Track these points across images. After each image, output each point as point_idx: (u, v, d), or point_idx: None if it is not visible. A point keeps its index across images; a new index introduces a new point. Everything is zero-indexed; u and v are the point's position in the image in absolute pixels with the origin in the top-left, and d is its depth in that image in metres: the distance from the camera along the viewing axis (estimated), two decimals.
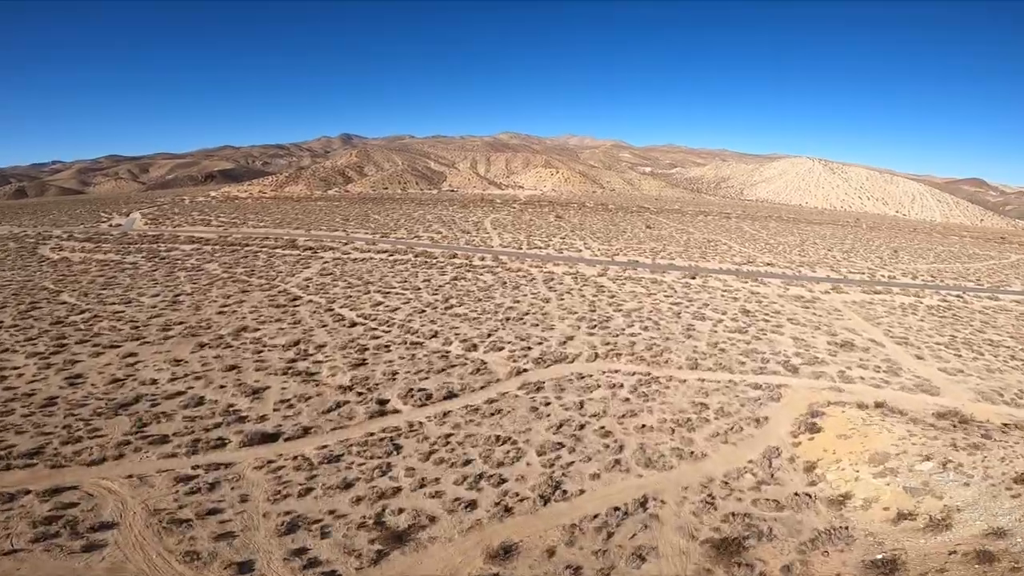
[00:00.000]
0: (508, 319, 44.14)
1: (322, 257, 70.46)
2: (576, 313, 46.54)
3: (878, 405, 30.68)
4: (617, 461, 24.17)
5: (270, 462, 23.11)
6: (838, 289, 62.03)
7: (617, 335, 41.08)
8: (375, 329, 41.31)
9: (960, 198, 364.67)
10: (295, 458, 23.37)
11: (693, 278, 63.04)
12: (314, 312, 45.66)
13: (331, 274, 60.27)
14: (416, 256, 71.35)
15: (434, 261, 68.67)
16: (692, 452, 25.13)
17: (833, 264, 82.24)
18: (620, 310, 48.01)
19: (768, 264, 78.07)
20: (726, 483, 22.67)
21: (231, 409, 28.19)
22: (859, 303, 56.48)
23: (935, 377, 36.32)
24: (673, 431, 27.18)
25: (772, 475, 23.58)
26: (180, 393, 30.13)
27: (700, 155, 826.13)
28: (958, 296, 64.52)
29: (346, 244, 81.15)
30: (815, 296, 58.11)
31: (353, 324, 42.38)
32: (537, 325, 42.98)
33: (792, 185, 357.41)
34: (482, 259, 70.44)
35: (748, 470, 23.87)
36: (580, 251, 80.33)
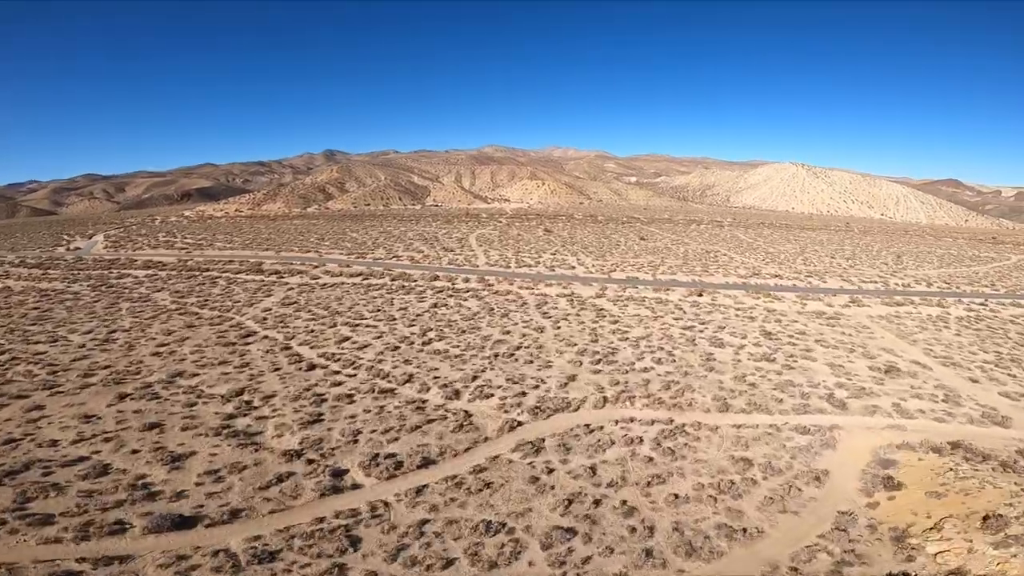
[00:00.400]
0: (497, 355, 37.54)
1: (288, 283, 63.32)
2: (576, 345, 40.10)
3: (954, 446, 25.42)
4: (648, 552, 18.26)
5: (181, 558, 17.31)
6: (858, 302, 56.52)
7: (627, 371, 34.73)
8: (338, 373, 34.47)
9: (941, 199, 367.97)
10: (215, 553, 17.50)
11: (700, 295, 57.11)
12: (268, 351, 38.66)
13: (295, 303, 53.22)
14: (393, 280, 64.61)
15: (413, 284, 61.96)
16: (744, 529, 19.38)
17: (841, 273, 77.18)
18: (626, 338, 41.70)
19: (775, 276, 72.66)
20: (795, 570, 17.12)
21: (141, 482, 21.93)
22: (885, 317, 50.96)
23: (999, 404, 31.24)
24: (715, 500, 21.30)
25: (853, 552, 18.07)
26: (82, 459, 23.63)
27: (683, 163, 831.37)
28: (982, 304, 59.54)
29: (317, 267, 74.13)
30: (837, 311, 52.48)
31: (312, 367, 35.48)
32: (532, 362, 36.44)
33: (777, 191, 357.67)
34: (466, 281, 63.86)
35: (821, 548, 18.31)
36: (573, 268, 74.27)
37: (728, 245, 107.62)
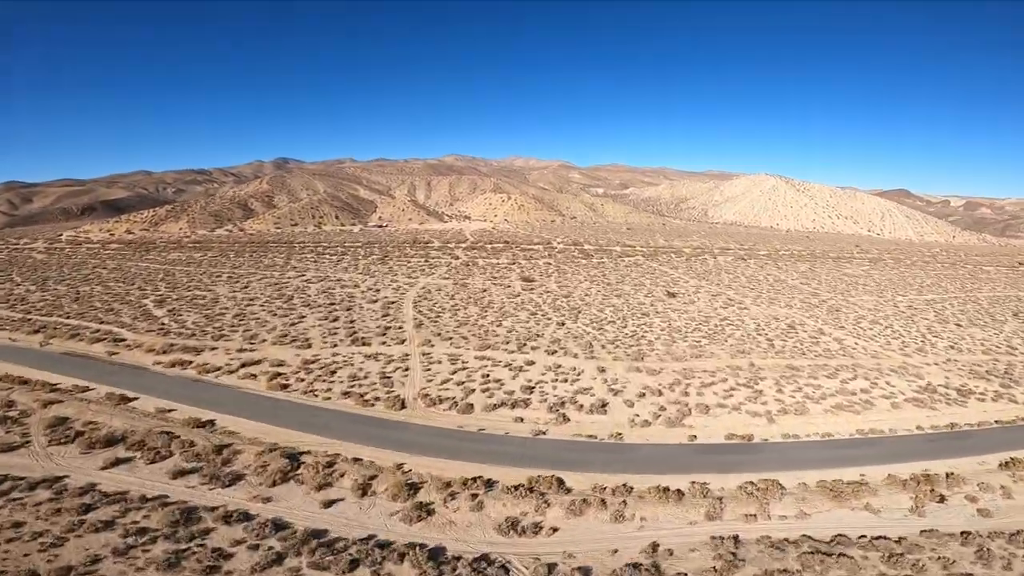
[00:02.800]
0: None
1: None
2: None
3: None
4: None
5: None
6: None
7: None
8: None
9: (927, 214, 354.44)
10: None
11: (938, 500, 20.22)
12: None
13: None
14: (158, 509, 24.65)
15: (200, 519, 22.38)
16: None
17: (990, 352, 42.72)
18: None
19: (959, 392, 37.20)
20: None
21: None
22: None
23: None
24: None
25: None
26: None
27: (645, 173, 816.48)
28: None
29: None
30: None
31: None
32: None
33: (758, 205, 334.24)
34: (357, 482, 25.02)
35: None
36: (601, 402, 36.30)
37: (792, 299, 72.95)
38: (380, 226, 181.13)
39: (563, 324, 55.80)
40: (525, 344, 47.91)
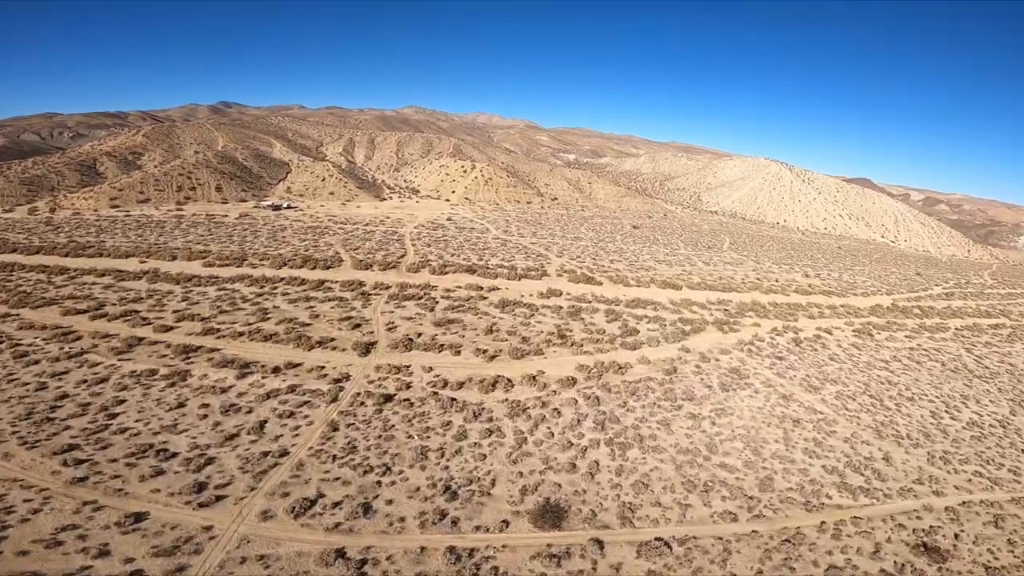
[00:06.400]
0: None
1: None
2: None
3: None
4: None
5: None
6: None
7: None
8: None
9: (941, 221, 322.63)
10: None
11: None
12: None
13: None
14: None
15: None
16: None
17: None
18: None
19: None
20: None
21: None
22: None
23: None
24: None
25: None
26: None
27: (615, 141, 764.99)
28: None
29: None
30: None
31: None
32: None
33: (762, 195, 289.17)
34: None
35: None
36: None
37: None
38: (277, 206, 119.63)
39: None
40: None
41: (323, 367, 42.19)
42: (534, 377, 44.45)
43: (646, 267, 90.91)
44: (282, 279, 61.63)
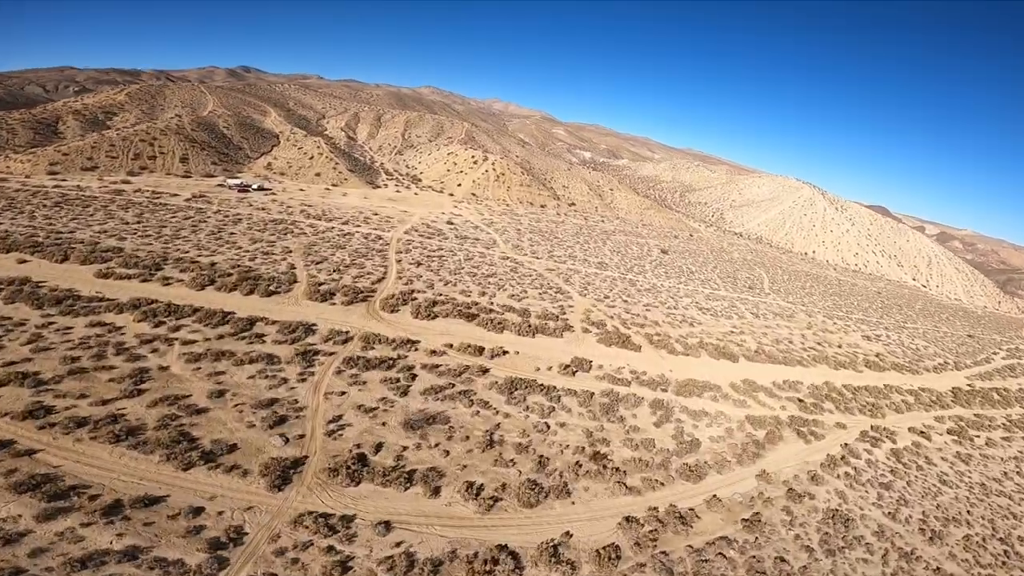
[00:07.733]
0: None
1: None
2: None
3: None
4: None
5: None
6: None
7: None
8: None
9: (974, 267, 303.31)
10: None
11: None
12: None
13: None
14: None
15: None
16: None
17: None
18: None
19: None
20: None
21: None
22: None
23: None
24: None
25: None
26: None
27: (631, 142, 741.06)
28: None
29: None
30: None
31: None
32: None
33: (792, 220, 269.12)
34: None
35: None
36: None
37: None
38: (246, 187, 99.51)
39: None
40: None
41: (200, 511, 23.38)
42: (556, 549, 25.97)
43: (689, 319, 71.87)
44: (196, 311, 42.48)
